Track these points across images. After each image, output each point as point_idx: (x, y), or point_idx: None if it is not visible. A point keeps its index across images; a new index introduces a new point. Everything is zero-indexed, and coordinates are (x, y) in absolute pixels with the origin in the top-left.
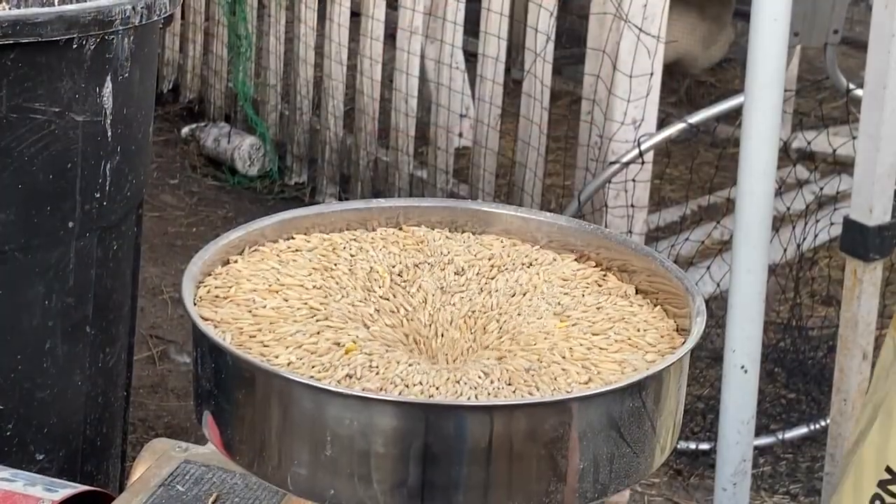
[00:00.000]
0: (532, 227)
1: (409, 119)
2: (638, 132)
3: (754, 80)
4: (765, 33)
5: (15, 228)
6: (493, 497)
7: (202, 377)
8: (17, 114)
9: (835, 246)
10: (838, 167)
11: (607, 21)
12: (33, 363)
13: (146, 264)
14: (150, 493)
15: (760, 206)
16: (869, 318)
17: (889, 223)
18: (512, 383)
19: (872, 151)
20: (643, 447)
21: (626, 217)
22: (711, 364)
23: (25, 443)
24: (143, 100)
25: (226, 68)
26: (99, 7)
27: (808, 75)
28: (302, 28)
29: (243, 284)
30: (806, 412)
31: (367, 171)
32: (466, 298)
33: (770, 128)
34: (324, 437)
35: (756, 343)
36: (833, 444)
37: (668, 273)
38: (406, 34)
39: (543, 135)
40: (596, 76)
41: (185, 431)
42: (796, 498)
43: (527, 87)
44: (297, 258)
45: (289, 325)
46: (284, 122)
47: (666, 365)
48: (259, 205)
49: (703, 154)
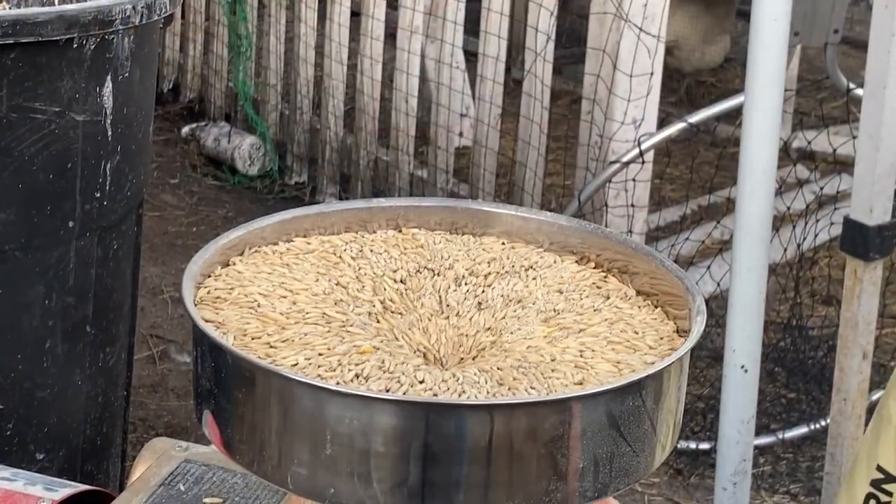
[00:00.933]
0: (532, 227)
1: (409, 118)
2: (638, 132)
3: (754, 79)
4: (765, 33)
5: (15, 228)
6: (494, 496)
7: (202, 376)
8: (18, 113)
9: (835, 246)
10: (838, 167)
11: (607, 21)
12: (33, 363)
13: (146, 264)
14: (151, 493)
15: (760, 206)
16: (869, 318)
17: (889, 223)
18: (504, 382)
19: (872, 151)
20: (643, 446)
21: (627, 217)
22: (711, 364)
23: (25, 442)
24: (143, 99)
25: (226, 68)
26: (99, 7)
27: (809, 75)
28: (302, 27)
29: (246, 287)
30: (806, 412)
31: (367, 171)
32: (465, 314)
33: (770, 127)
34: (324, 437)
35: (756, 343)
36: (833, 444)
37: (668, 273)
38: (406, 34)
39: (544, 134)
40: (596, 76)
41: (186, 431)
42: (796, 497)
43: (527, 86)
44: (299, 262)
45: (297, 327)
46: (285, 121)
47: (666, 364)
48: (259, 204)
49: (704, 154)
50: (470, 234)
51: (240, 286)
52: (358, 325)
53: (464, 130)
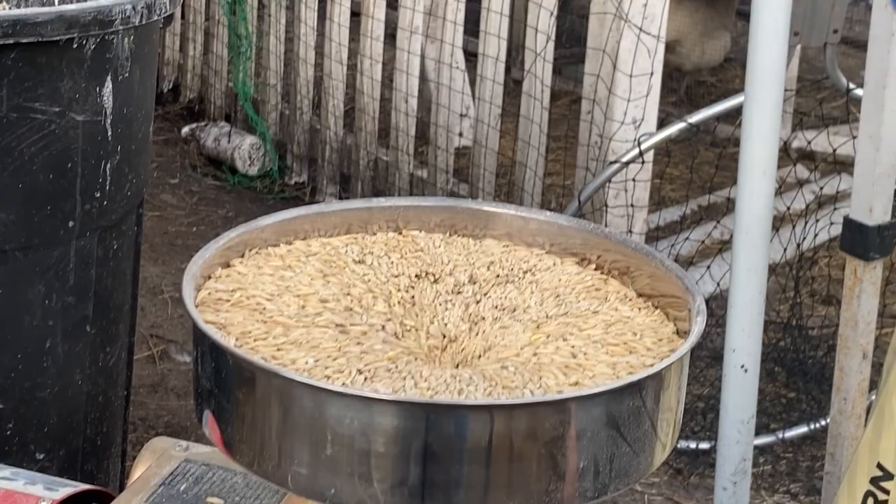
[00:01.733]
0: (532, 227)
1: (409, 119)
2: (638, 132)
3: (754, 79)
4: (765, 33)
5: (15, 228)
6: (494, 496)
7: (203, 376)
8: (18, 113)
9: (835, 245)
10: (838, 167)
11: (607, 21)
12: (33, 363)
13: (146, 264)
14: (151, 492)
15: (760, 206)
16: (869, 318)
17: (889, 223)
18: (495, 381)
19: (872, 151)
20: (643, 446)
21: (626, 216)
22: (711, 364)
23: (26, 442)
24: (143, 99)
25: (226, 68)
26: (99, 7)
27: (808, 75)
28: (302, 28)
29: (248, 289)
30: (806, 411)
31: (367, 171)
32: (464, 324)
33: (770, 127)
34: (324, 436)
35: (756, 342)
36: (833, 444)
37: (668, 273)
38: (406, 34)
39: (543, 134)
40: (596, 76)
41: (186, 430)
42: (796, 497)
43: (527, 86)
44: (301, 265)
45: (305, 331)
46: (285, 121)
47: (666, 364)
48: (259, 204)
49: (703, 153)
50: (469, 235)
51: (241, 288)
52: (355, 325)
53: (464, 130)
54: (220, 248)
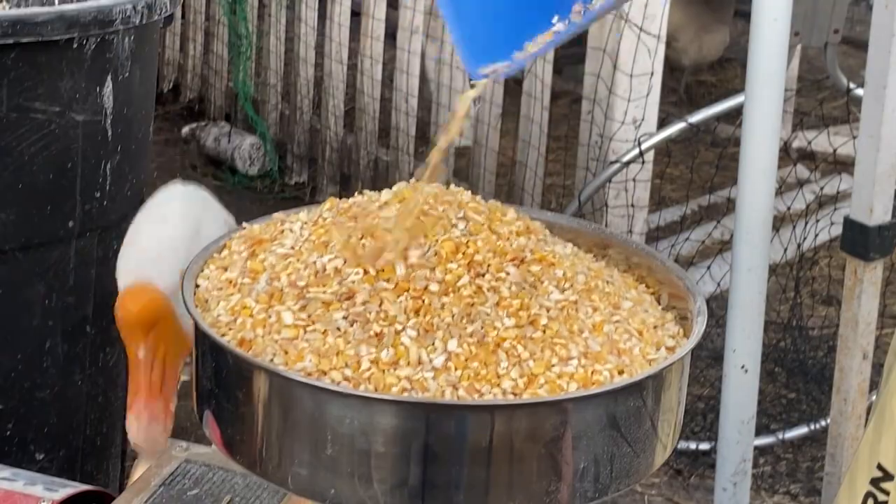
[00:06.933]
0: None
1: (409, 118)
2: (638, 132)
3: (754, 79)
4: (765, 33)
5: (15, 228)
6: (494, 496)
7: (203, 376)
8: (18, 113)
9: (835, 246)
10: (838, 167)
11: (607, 21)
12: (33, 363)
13: None
14: (151, 493)
15: (761, 206)
16: (869, 318)
17: (889, 223)
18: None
19: (873, 151)
20: (644, 447)
21: (627, 216)
22: (711, 364)
23: (25, 442)
24: (143, 99)
25: (226, 68)
26: (99, 7)
27: (809, 75)
28: (302, 27)
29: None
30: (806, 412)
31: (367, 171)
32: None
33: (770, 127)
34: (324, 437)
35: (756, 343)
36: (833, 444)
37: (668, 273)
38: (406, 33)
39: (544, 134)
40: (596, 76)
41: (186, 431)
42: (796, 498)
43: (527, 86)
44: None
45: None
46: (285, 121)
47: (667, 364)
48: (259, 204)
49: (704, 153)
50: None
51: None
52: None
53: (464, 130)
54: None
